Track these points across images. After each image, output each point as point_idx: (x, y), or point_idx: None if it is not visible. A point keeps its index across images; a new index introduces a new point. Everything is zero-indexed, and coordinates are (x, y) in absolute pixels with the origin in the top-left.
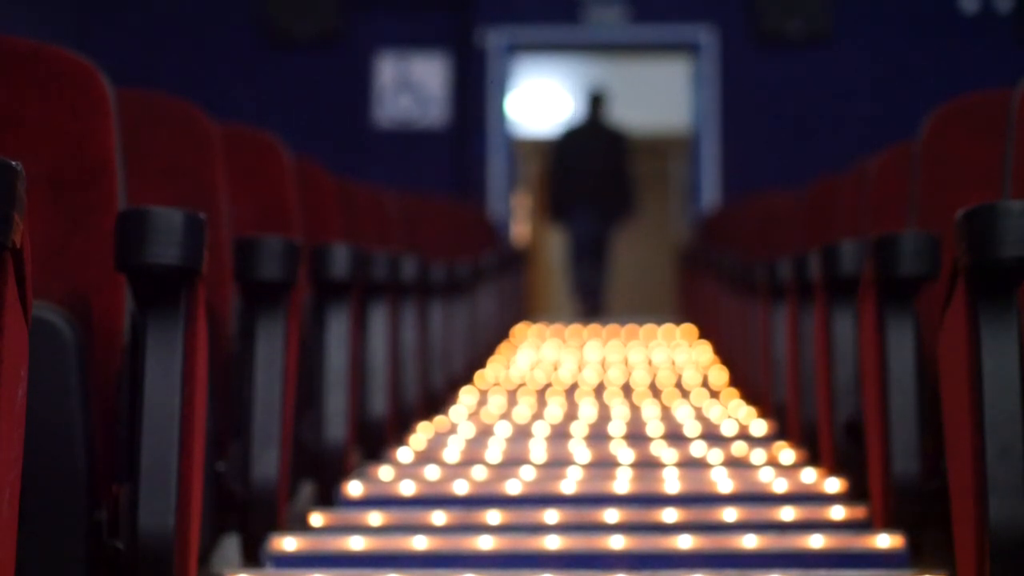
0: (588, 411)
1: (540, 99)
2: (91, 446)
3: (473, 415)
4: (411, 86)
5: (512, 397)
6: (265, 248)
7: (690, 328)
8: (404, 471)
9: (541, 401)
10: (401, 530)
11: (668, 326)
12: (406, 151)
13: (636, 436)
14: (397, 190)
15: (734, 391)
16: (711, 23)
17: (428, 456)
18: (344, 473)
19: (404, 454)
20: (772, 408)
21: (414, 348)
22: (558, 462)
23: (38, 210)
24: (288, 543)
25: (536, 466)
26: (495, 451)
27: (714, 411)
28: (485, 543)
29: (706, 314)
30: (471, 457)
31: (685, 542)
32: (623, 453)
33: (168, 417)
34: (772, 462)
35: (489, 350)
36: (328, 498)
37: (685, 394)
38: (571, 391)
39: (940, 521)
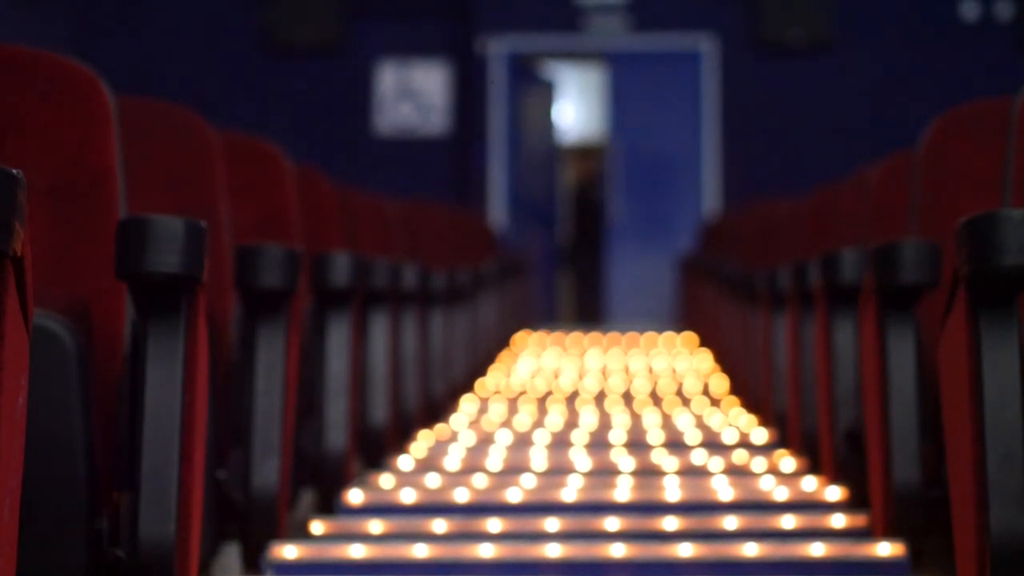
0: (589, 419)
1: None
2: (91, 454)
3: (474, 423)
4: (412, 94)
5: (513, 405)
6: (266, 256)
7: (691, 336)
8: (405, 479)
9: (542, 409)
10: (402, 538)
11: (669, 334)
12: (407, 159)
13: (637, 444)
14: (398, 198)
15: (735, 399)
16: (712, 31)
17: (429, 464)
18: (345, 481)
19: (405, 462)
20: (773, 416)
21: (415, 356)
22: (559, 470)
23: (39, 218)
24: (289, 551)
25: (537, 474)
26: (496, 459)
27: (715, 419)
28: (486, 551)
29: (707, 322)
30: (472, 465)
31: (686, 550)
32: (624, 461)
33: (169, 425)
34: (773, 470)
35: (490, 358)
36: (329, 506)
37: (686, 402)
38: (572, 399)
39: (941, 529)
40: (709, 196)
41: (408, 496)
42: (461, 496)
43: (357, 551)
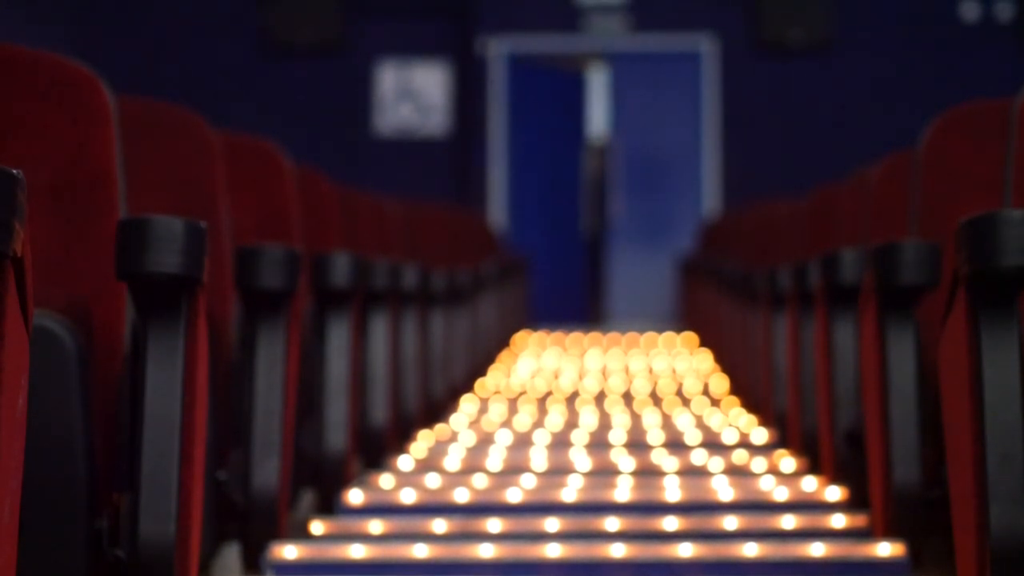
0: (589, 419)
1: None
2: (92, 454)
3: (474, 423)
4: (412, 94)
5: (513, 405)
6: (266, 256)
7: (691, 336)
8: (405, 479)
9: (542, 409)
10: (402, 538)
11: (669, 334)
12: (407, 159)
13: (637, 444)
14: (398, 198)
15: (735, 399)
16: (712, 32)
17: (429, 464)
18: (345, 481)
19: (405, 462)
20: (773, 416)
21: (415, 356)
22: (559, 470)
23: (39, 218)
24: (289, 551)
25: (537, 474)
26: (496, 459)
27: (715, 419)
28: (486, 551)
29: (707, 322)
30: (472, 465)
31: (686, 550)
32: (624, 461)
33: (169, 425)
34: (773, 470)
35: (490, 358)
36: (329, 506)
37: (686, 402)
38: (572, 399)
39: (941, 529)
40: (709, 196)
41: (408, 496)
42: (461, 496)
43: (357, 551)
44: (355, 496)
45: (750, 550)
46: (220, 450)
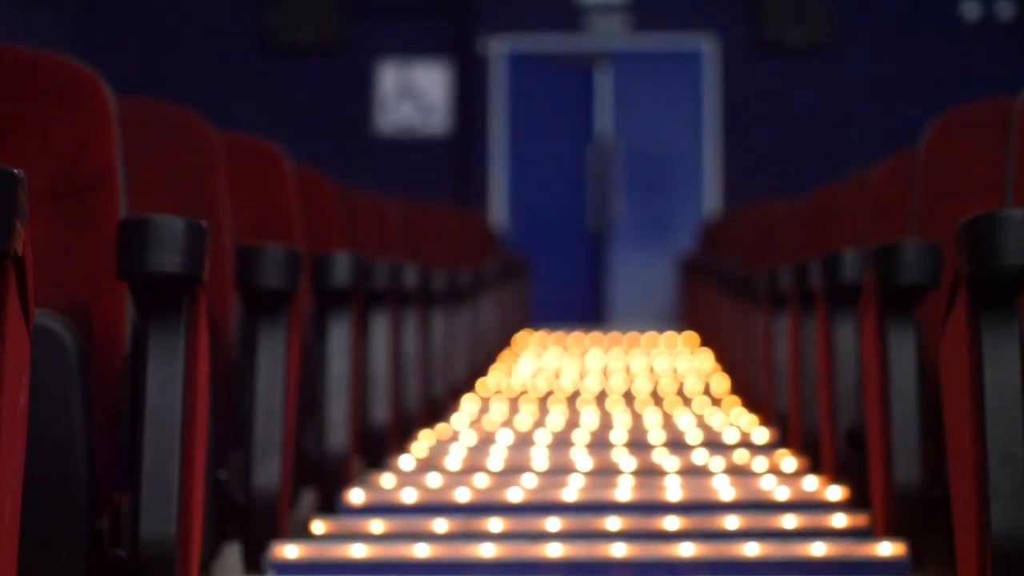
0: (590, 418)
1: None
2: (92, 454)
3: (475, 423)
4: (413, 94)
5: (514, 405)
6: (267, 256)
7: (692, 336)
8: (405, 479)
9: (543, 409)
10: (403, 538)
11: (670, 334)
12: (408, 159)
13: (638, 444)
14: (398, 198)
15: (736, 399)
16: (713, 32)
17: (429, 464)
18: (346, 481)
19: (406, 462)
20: (774, 416)
21: (415, 356)
22: (560, 470)
23: (39, 218)
24: (290, 551)
25: (538, 474)
26: (497, 459)
27: (716, 419)
28: (487, 551)
29: (708, 322)
30: (473, 465)
31: (687, 550)
32: (625, 461)
33: (170, 425)
34: (774, 470)
35: (491, 358)
36: (330, 506)
37: (687, 402)
38: (573, 399)
39: (942, 529)
40: (709, 196)
41: (409, 496)
42: (462, 496)
43: (358, 551)
44: (356, 496)
45: (751, 549)
46: (221, 450)
